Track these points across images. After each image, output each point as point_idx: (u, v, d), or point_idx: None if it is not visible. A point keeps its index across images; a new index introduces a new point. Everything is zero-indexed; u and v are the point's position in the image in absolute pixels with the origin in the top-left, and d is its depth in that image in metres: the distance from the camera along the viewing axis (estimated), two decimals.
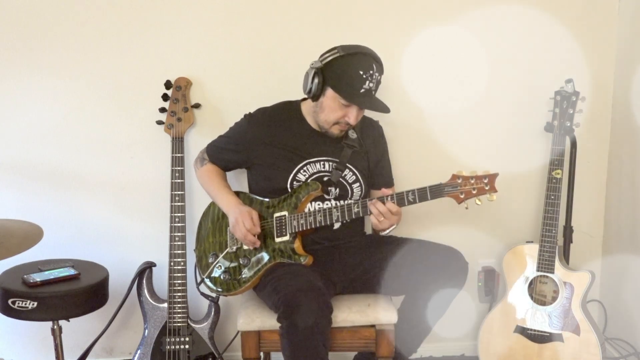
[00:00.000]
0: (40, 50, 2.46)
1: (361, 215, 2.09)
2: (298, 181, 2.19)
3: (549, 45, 2.59)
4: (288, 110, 2.27)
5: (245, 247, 2.20)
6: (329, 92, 2.09)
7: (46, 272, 2.25)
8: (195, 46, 2.50)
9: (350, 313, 2.12)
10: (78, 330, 2.51)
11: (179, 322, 2.44)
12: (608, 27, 2.61)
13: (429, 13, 2.54)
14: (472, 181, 2.00)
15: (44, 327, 2.29)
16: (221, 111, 2.53)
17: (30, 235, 1.99)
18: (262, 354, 2.20)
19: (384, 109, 2.11)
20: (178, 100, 2.47)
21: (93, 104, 2.52)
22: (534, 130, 2.61)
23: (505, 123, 2.64)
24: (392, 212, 2.03)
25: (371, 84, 2.05)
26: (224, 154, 2.31)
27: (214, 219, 2.32)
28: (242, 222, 2.12)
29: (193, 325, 2.45)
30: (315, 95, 2.11)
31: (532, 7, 2.55)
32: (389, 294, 2.25)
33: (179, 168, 2.43)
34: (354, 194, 2.23)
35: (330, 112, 2.11)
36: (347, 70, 2.04)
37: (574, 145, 2.48)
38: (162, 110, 2.49)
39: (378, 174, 2.32)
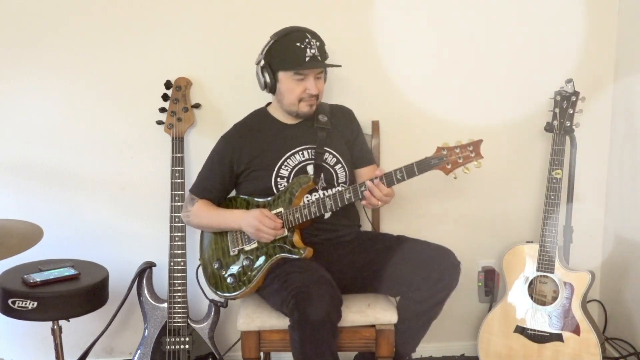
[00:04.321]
0: (41, 50, 2.46)
1: (353, 200, 2.11)
2: (282, 177, 2.21)
3: (548, 45, 2.59)
4: (258, 116, 2.32)
5: (246, 248, 2.20)
6: (281, 75, 2.17)
7: (46, 272, 2.25)
8: (195, 46, 2.50)
9: (350, 313, 2.12)
10: (78, 330, 2.51)
11: (179, 322, 2.44)
12: (608, 27, 2.61)
13: (430, 14, 2.54)
14: (457, 150, 2.00)
15: (44, 327, 2.29)
16: (221, 111, 2.53)
17: (30, 235, 1.99)
18: (262, 354, 2.20)
19: (334, 66, 2.19)
20: (178, 100, 2.47)
21: (93, 104, 2.52)
22: (534, 130, 2.61)
23: (505, 123, 2.64)
24: (384, 193, 2.06)
25: (312, 51, 2.13)
26: (212, 182, 2.28)
27: None
28: (264, 227, 2.09)
29: (193, 325, 2.46)
30: (272, 87, 2.20)
31: (532, 7, 2.56)
32: (385, 293, 2.25)
33: (179, 168, 2.43)
34: (339, 176, 2.26)
35: (290, 93, 2.18)
36: (285, 49, 2.14)
37: (574, 145, 2.48)
38: (162, 110, 2.49)
39: (358, 153, 2.36)
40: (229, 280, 2.21)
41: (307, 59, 2.12)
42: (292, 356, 2.03)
